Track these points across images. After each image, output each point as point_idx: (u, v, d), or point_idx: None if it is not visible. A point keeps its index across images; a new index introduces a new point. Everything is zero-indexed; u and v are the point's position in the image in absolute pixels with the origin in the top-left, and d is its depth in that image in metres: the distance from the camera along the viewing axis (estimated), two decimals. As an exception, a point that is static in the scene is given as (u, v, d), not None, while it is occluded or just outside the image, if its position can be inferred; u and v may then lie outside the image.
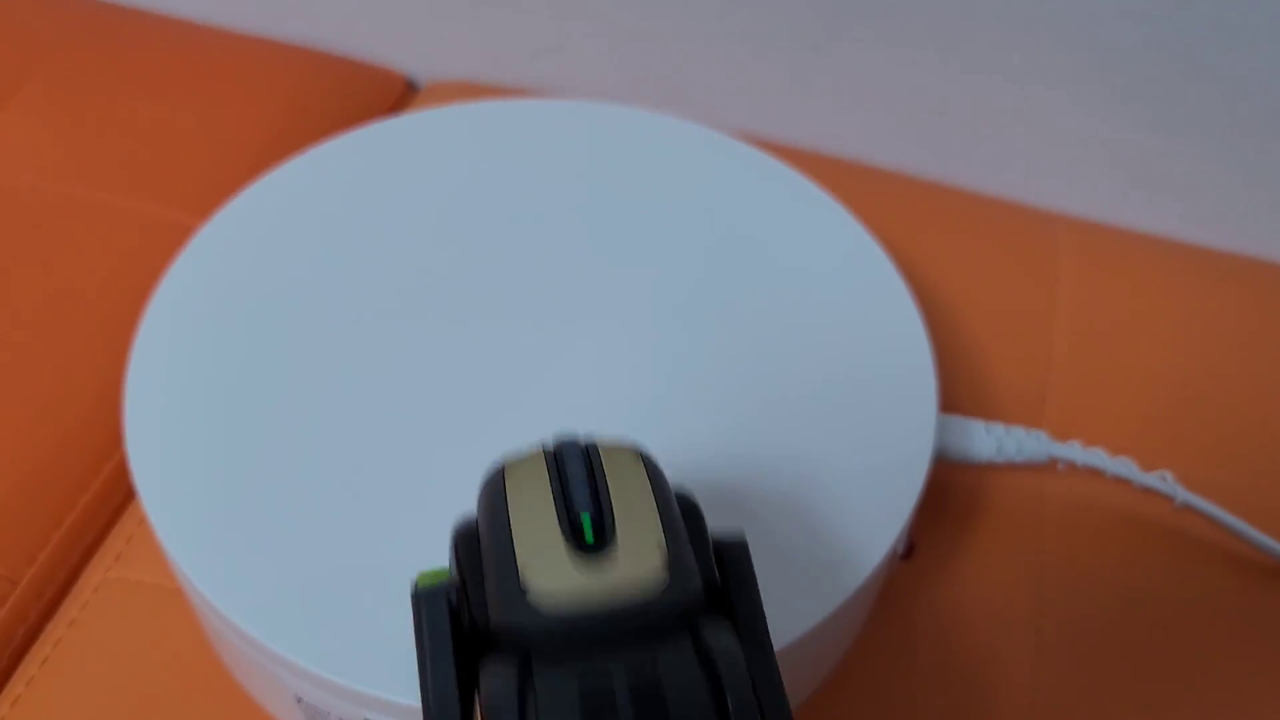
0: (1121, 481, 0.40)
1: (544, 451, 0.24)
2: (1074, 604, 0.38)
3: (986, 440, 0.39)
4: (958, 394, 0.44)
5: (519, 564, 0.21)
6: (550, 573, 0.21)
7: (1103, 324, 0.47)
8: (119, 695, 0.34)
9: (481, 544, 0.23)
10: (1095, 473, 0.41)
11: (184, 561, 0.31)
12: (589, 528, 0.22)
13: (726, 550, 0.24)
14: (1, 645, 0.36)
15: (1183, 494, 0.39)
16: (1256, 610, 0.39)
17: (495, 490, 0.23)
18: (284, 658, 0.29)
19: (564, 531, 0.22)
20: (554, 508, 0.22)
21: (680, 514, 0.23)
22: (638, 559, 0.21)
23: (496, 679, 0.20)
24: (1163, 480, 0.39)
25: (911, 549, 0.37)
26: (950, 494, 0.41)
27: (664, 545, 0.22)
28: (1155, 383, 0.45)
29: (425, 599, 0.22)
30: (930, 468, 0.34)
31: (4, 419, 0.39)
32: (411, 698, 0.29)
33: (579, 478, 0.23)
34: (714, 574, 0.23)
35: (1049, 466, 0.41)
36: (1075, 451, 0.39)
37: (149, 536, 0.38)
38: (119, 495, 0.39)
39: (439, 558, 0.30)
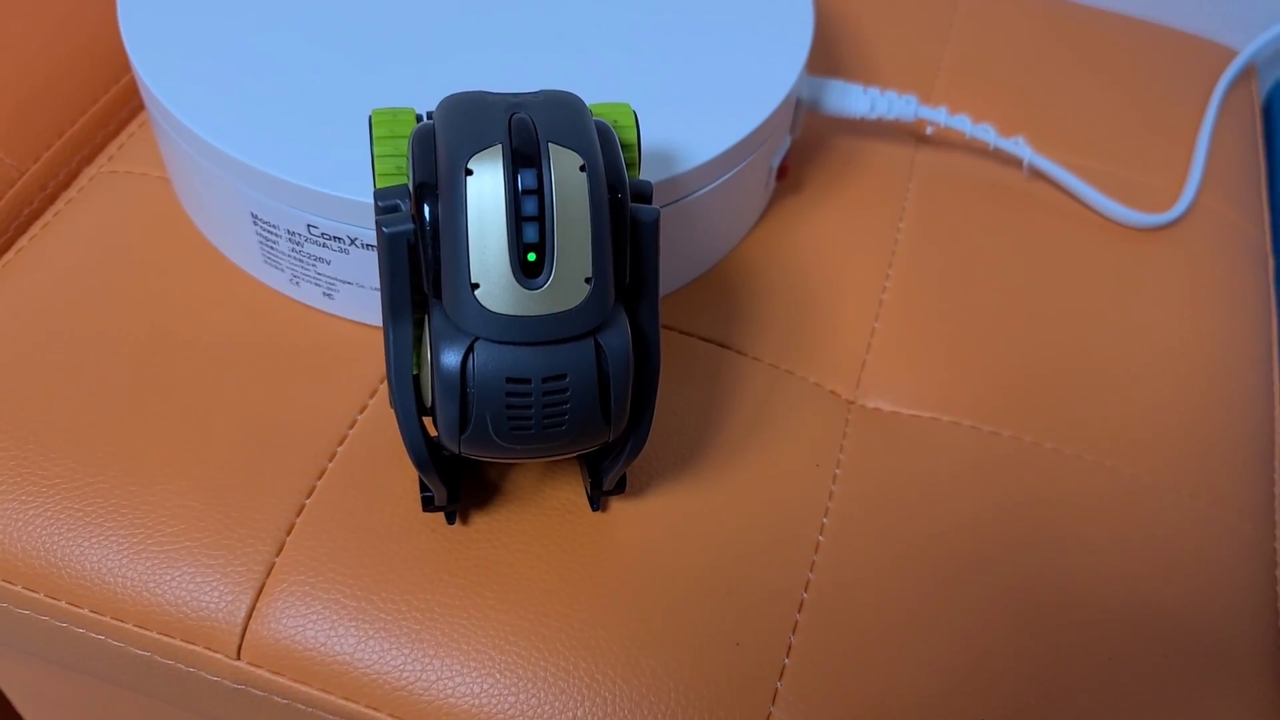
0: (980, 146, 0.46)
1: (502, 156, 0.27)
2: (926, 250, 0.44)
3: (862, 98, 0.45)
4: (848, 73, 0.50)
5: (470, 273, 0.27)
6: (496, 289, 0.27)
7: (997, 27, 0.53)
8: (99, 253, 0.40)
9: (440, 227, 0.28)
10: (958, 137, 0.47)
11: (161, 94, 0.37)
12: (532, 258, 0.27)
13: (640, 230, 0.30)
14: (9, 221, 0.42)
15: (1032, 156, 0.45)
16: (1090, 259, 0.45)
17: (457, 182, 0.27)
18: (242, 163, 0.35)
19: (511, 257, 0.27)
20: (506, 230, 0.27)
21: (610, 238, 0.28)
22: (567, 291, 0.28)
23: (446, 343, 0.28)
24: (1015, 144, 0.46)
25: (785, 170, 0.43)
26: (831, 147, 0.47)
27: (590, 280, 0.28)
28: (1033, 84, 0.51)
29: (389, 241, 0.28)
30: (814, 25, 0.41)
31: (20, 35, 0.45)
32: (349, 193, 0.35)
33: (530, 207, 0.27)
34: (624, 269, 0.29)
35: (920, 135, 0.48)
36: (941, 115, 0.45)
37: (141, 140, 0.44)
38: (124, 113, 0.46)
39: (392, 95, 0.37)
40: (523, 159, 0.28)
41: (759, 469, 0.37)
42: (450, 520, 0.34)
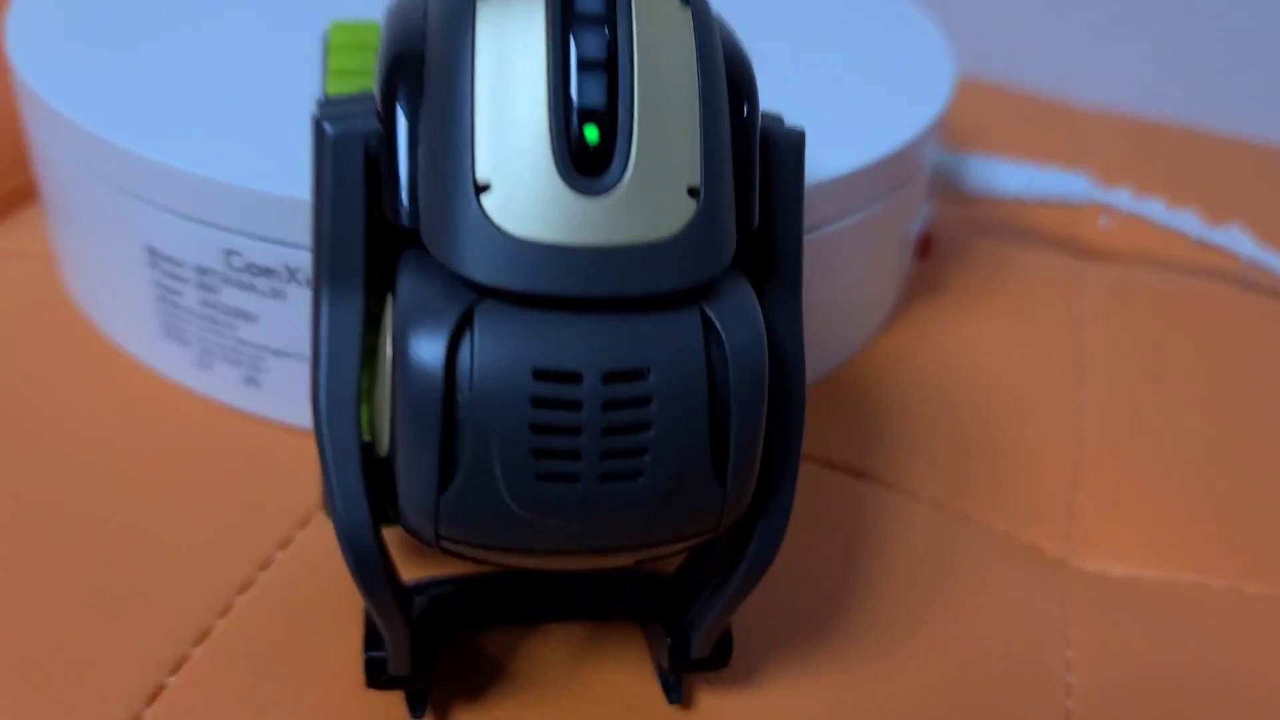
0: (1173, 240, 0.34)
1: None
2: (1125, 368, 0.31)
3: (1016, 173, 0.33)
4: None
5: (475, 163, 0.15)
6: (522, 191, 0.15)
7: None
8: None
9: (427, 98, 0.15)
10: (1144, 230, 0.34)
11: (34, 81, 0.25)
12: (593, 137, 0.15)
13: (778, 155, 0.17)
14: None
15: (1255, 251, 0.33)
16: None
17: (460, 11, 0.15)
18: (135, 156, 0.23)
19: (554, 132, 0.15)
20: (546, 87, 0.15)
21: (731, 137, 0.16)
22: (654, 205, 0.15)
23: (422, 312, 0.15)
24: (1229, 236, 0.33)
25: (929, 245, 0.31)
26: (971, 251, 0.35)
27: (698, 193, 0.15)
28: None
29: (334, 145, 0.16)
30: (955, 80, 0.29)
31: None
32: (286, 189, 0.22)
33: (592, 45, 0.15)
34: (751, 206, 0.17)
35: (1082, 242, 0.35)
36: (1123, 198, 0.33)
37: (22, 221, 0.32)
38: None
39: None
40: None
41: (941, 650, 0.22)
42: (417, 711, 0.19)
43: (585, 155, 0.15)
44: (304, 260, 0.23)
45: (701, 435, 0.15)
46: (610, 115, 0.15)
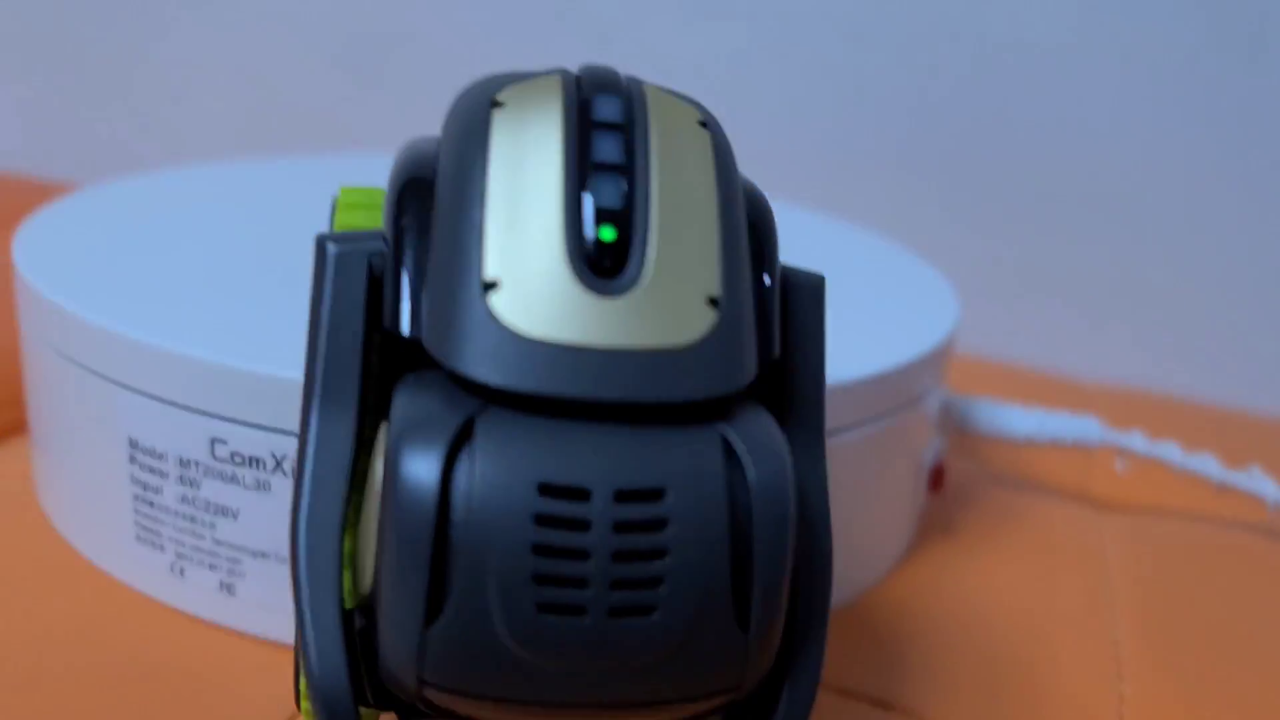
0: (1198, 484, 0.33)
1: (562, 79, 0.16)
2: (1156, 611, 0.29)
3: (1026, 417, 0.32)
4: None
5: (485, 261, 0.14)
6: (533, 290, 0.14)
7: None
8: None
9: (438, 201, 0.15)
10: (1159, 474, 0.33)
11: (26, 268, 0.25)
12: (608, 236, 0.14)
13: (797, 295, 0.17)
14: None
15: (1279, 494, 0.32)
16: None
17: (474, 120, 0.15)
18: (120, 338, 0.22)
19: (568, 231, 0.14)
20: (561, 185, 0.14)
21: (751, 264, 0.16)
22: (672, 310, 0.14)
23: (417, 426, 0.14)
24: (1251, 478, 0.32)
25: (941, 476, 0.29)
26: (980, 499, 0.33)
27: (719, 303, 0.14)
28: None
29: (337, 261, 0.15)
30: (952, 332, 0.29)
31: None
32: (278, 369, 0.21)
33: (609, 150, 0.15)
34: (771, 334, 0.16)
35: (1095, 493, 0.34)
36: (1136, 440, 0.32)
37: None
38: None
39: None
40: (598, 85, 0.15)
41: None
42: None
43: (600, 255, 0.14)
44: (292, 446, 0.22)
45: (722, 568, 0.14)
46: (626, 217, 0.14)
